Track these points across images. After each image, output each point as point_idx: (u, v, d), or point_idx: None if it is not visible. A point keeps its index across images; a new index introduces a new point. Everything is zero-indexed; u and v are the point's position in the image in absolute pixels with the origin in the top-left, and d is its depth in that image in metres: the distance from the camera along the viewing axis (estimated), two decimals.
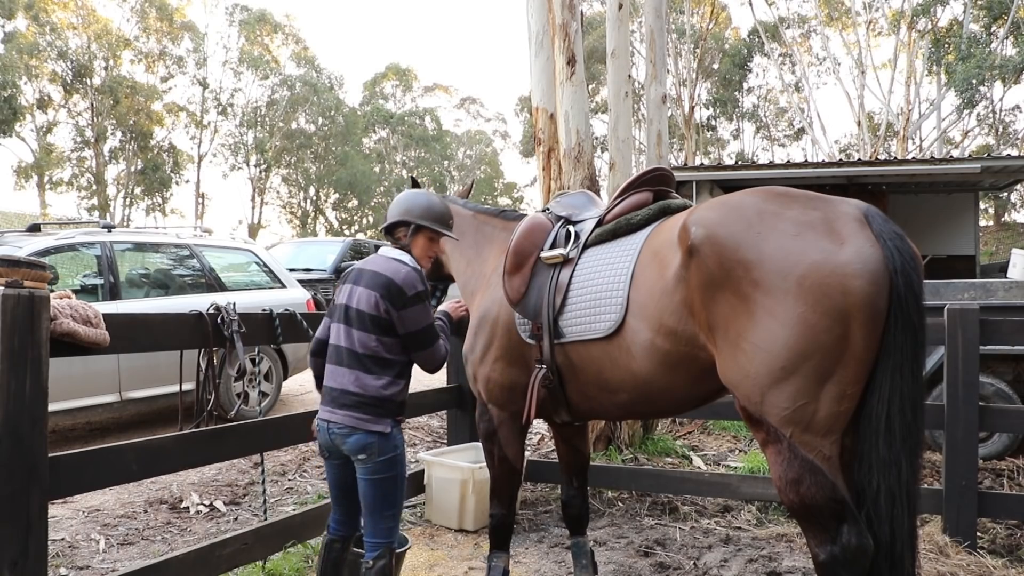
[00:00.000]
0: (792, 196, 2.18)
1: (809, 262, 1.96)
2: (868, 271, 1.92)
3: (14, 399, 2.24)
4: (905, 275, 1.93)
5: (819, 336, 1.93)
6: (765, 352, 2.00)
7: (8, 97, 27.69)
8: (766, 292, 2.00)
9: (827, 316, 1.92)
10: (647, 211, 2.76)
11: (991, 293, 5.48)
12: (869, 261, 1.93)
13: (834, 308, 1.92)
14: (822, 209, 2.07)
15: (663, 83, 7.70)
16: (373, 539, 2.57)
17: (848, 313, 1.92)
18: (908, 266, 1.94)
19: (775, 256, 2.01)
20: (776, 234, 2.04)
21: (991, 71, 19.45)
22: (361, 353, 2.56)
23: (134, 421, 6.78)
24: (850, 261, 1.93)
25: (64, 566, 3.76)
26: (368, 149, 44.72)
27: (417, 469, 4.62)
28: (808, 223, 2.03)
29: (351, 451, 2.56)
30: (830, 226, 2.01)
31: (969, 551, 3.61)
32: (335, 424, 2.57)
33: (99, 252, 6.14)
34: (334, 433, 2.58)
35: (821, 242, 1.98)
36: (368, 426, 2.53)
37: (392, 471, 2.57)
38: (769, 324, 2.00)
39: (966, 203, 11.02)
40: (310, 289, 9.34)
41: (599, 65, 28.40)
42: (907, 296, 1.93)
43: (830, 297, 1.92)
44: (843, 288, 1.92)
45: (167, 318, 3.20)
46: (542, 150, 6.09)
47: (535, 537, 4.19)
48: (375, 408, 2.55)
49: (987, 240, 23.41)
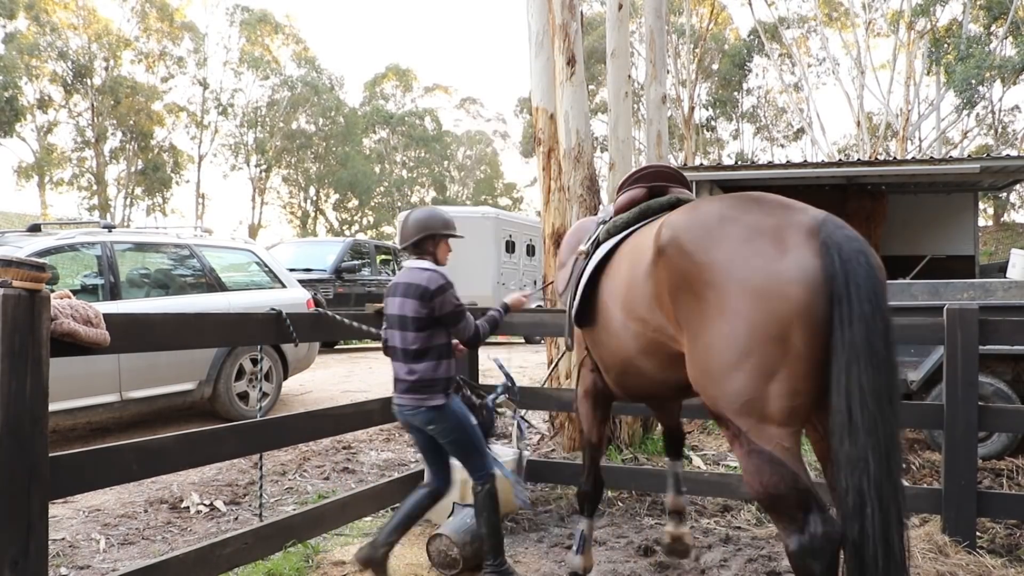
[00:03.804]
0: (757, 202, 2.32)
1: (752, 267, 2.12)
2: (806, 279, 2.05)
3: (15, 399, 2.24)
4: (850, 279, 2.02)
5: (760, 335, 2.07)
6: (715, 349, 2.17)
7: (9, 98, 27.71)
8: (716, 293, 2.17)
9: (767, 318, 2.07)
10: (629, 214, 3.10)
11: (990, 293, 5.48)
12: (808, 270, 2.06)
13: (773, 311, 2.06)
14: (778, 216, 2.21)
15: (663, 83, 7.70)
16: (474, 474, 3.37)
17: (787, 317, 2.06)
18: (855, 271, 2.03)
19: (724, 260, 2.18)
20: (729, 240, 2.21)
21: (990, 71, 19.46)
22: (410, 348, 3.24)
23: (134, 421, 6.79)
24: (789, 269, 2.08)
25: (65, 566, 3.77)
26: (368, 149, 44.70)
27: (417, 469, 4.62)
28: (760, 230, 2.18)
29: (422, 424, 3.28)
30: (779, 234, 2.15)
31: (968, 551, 3.61)
32: (405, 407, 3.28)
33: (99, 252, 6.14)
34: (407, 414, 3.29)
35: (767, 249, 2.13)
36: (426, 402, 3.23)
37: (459, 430, 3.29)
38: (718, 323, 2.16)
39: (965, 203, 11.02)
40: (310, 289, 9.36)
41: (599, 65, 28.39)
42: (853, 297, 2.01)
43: (770, 301, 2.07)
44: (781, 294, 2.06)
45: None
46: (542, 150, 6.09)
47: (535, 537, 4.19)
48: (428, 387, 3.23)
49: (986, 240, 23.41)
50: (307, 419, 3.78)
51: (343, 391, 8.42)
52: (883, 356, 2.01)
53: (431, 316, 3.21)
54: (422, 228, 3.35)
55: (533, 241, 17.49)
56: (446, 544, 3.64)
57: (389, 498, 4.37)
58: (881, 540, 1.92)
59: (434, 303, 3.20)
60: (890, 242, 11.00)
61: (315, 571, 3.64)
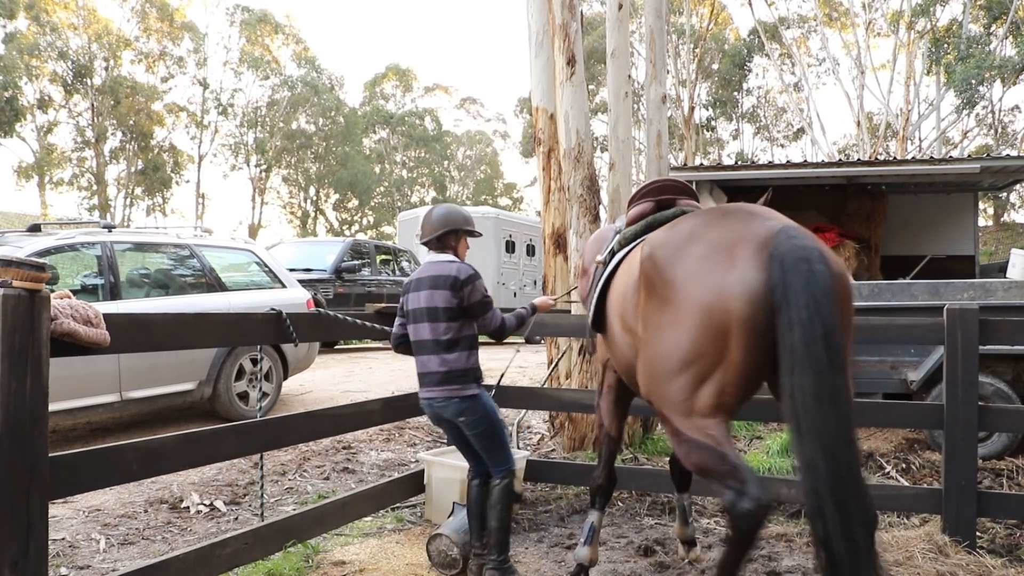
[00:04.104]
0: (726, 216, 2.49)
1: (703, 283, 2.31)
2: (747, 293, 2.22)
3: (15, 399, 2.24)
4: (788, 287, 2.14)
5: (703, 346, 2.28)
6: (663, 357, 2.41)
7: (9, 98, 27.71)
8: (672, 307, 2.38)
9: (710, 330, 2.26)
10: (636, 227, 3.24)
11: (990, 293, 5.48)
12: (750, 284, 2.22)
13: (716, 324, 2.25)
14: (738, 231, 2.37)
15: (663, 83, 7.70)
16: (495, 468, 3.41)
17: (727, 328, 2.24)
18: (794, 279, 2.14)
19: (683, 277, 2.38)
20: (688, 257, 2.40)
21: (990, 71, 19.46)
22: (442, 339, 3.26)
23: (134, 421, 6.79)
24: (733, 284, 2.25)
25: (64, 566, 3.77)
26: (368, 149, 44.70)
27: (417, 469, 4.62)
28: (716, 246, 2.36)
29: (453, 416, 3.29)
30: (731, 250, 2.31)
31: (968, 551, 3.61)
32: (436, 399, 3.29)
33: (99, 252, 6.14)
34: (437, 406, 3.30)
35: (718, 266, 2.31)
36: (460, 393, 3.26)
37: (487, 421, 3.32)
38: (669, 333, 2.38)
39: (965, 203, 11.01)
40: (310, 289, 9.35)
41: (599, 65, 28.40)
42: (792, 304, 2.13)
43: (714, 315, 2.26)
44: (724, 308, 2.25)
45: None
46: (542, 150, 6.09)
47: (535, 537, 4.19)
48: (461, 377, 3.26)
49: (986, 240, 23.42)
50: (307, 419, 3.77)
51: (343, 391, 8.42)
52: (824, 359, 2.07)
53: (460, 306, 3.27)
54: (446, 223, 3.43)
55: (533, 241, 17.49)
56: (446, 544, 3.64)
57: (389, 498, 4.37)
58: (843, 537, 1.96)
59: (464, 292, 3.26)
60: (890, 242, 11.00)
61: (315, 571, 3.64)
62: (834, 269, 2.23)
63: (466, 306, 3.29)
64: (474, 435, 3.34)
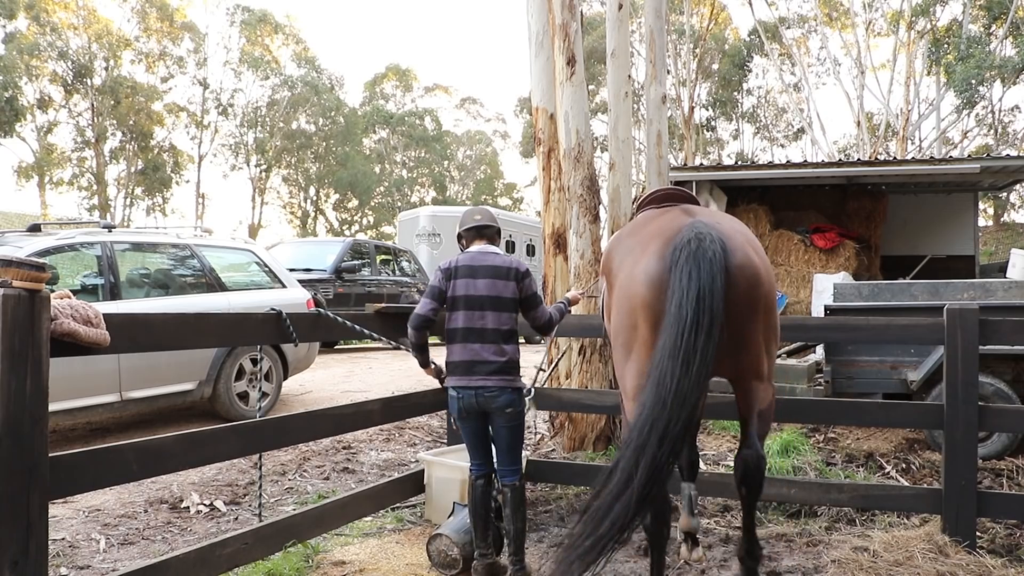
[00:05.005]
0: (662, 214, 2.88)
1: (622, 271, 2.74)
2: (648, 280, 2.57)
3: (14, 399, 2.24)
4: (677, 264, 2.44)
5: (622, 323, 2.69)
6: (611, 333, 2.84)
7: (9, 98, 27.69)
8: (609, 291, 2.85)
9: (625, 310, 2.66)
10: None
11: (990, 293, 5.49)
12: (651, 273, 2.57)
13: (629, 306, 2.64)
14: (660, 226, 2.72)
15: (663, 83, 7.70)
16: (511, 467, 3.41)
17: (635, 310, 2.61)
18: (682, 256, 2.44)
19: (616, 266, 2.82)
20: (621, 249, 2.85)
21: (990, 71, 19.47)
22: (503, 328, 3.31)
23: (134, 421, 6.79)
24: (639, 272, 2.62)
25: (64, 566, 3.77)
26: (368, 149, 44.69)
27: (417, 469, 4.62)
28: (641, 240, 2.74)
29: (500, 406, 3.30)
30: (646, 244, 2.67)
31: (968, 551, 3.61)
32: (487, 388, 3.27)
33: (99, 252, 6.14)
34: (484, 396, 3.28)
35: (635, 257, 2.69)
36: (513, 384, 3.32)
37: (522, 417, 3.41)
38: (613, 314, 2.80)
39: (965, 203, 11.03)
40: (310, 289, 9.35)
41: (599, 65, 28.39)
42: (675, 276, 2.43)
43: (628, 298, 2.65)
44: (631, 292, 2.63)
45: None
46: (542, 150, 6.09)
47: (535, 537, 4.19)
48: (515, 369, 3.34)
49: (986, 240, 23.42)
50: (307, 419, 3.77)
51: (343, 391, 8.41)
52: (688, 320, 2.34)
53: (519, 298, 3.36)
54: (495, 220, 3.61)
55: (533, 241, 17.49)
56: (446, 544, 3.64)
57: (389, 498, 4.37)
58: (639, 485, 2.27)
59: (523, 284, 3.36)
60: (890, 242, 11.01)
61: (315, 571, 3.64)
62: (733, 251, 2.50)
63: (523, 298, 3.36)
64: (510, 427, 3.35)
